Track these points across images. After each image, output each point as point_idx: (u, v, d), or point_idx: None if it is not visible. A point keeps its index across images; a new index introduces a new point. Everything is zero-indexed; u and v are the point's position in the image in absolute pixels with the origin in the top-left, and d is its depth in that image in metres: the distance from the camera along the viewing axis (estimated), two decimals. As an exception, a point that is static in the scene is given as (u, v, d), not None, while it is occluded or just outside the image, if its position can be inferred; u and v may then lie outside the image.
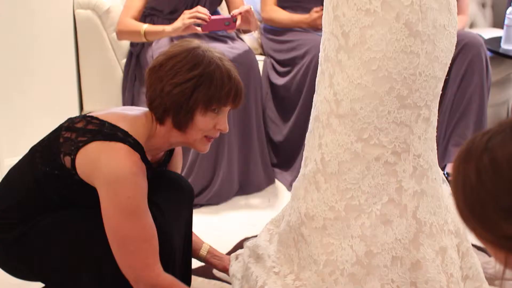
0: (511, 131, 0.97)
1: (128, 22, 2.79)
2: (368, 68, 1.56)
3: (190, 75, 1.64)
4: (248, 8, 2.73)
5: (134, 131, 1.64)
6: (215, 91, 1.66)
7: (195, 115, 1.66)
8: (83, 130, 1.61)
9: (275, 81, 3.08)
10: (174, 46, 1.71)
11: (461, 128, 3.09)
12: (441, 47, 1.58)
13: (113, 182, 1.56)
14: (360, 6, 1.55)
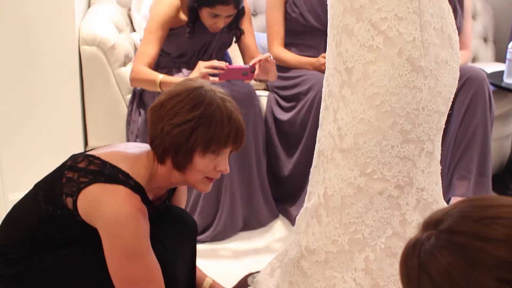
0: (436, 238, 0.94)
1: (142, 70, 2.78)
2: (371, 103, 1.57)
3: (189, 116, 1.63)
4: (267, 56, 2.70)
5: (135, 172, 1.64)
6: (214, 133, 1.64)
7: (194, 157, 1.65)
8: (85, 171, 1.62)
9: (280, 116, 3.09)
10: (177, 85, 1.71)
11: (465, 162, 3.09)
12: (443, 82, 1.59)
13: (114, 226, 1.56)
14: (363, 42, 1.57)
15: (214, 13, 2.79)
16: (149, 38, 2.83)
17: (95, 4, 3.25)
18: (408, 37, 1.54)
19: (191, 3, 2.83)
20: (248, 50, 3.04)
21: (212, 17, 2.81)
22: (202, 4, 2.78)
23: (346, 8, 1.60)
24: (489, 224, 0.90)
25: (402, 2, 1.55)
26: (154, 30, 2.83)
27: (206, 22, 2.85)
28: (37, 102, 2.83)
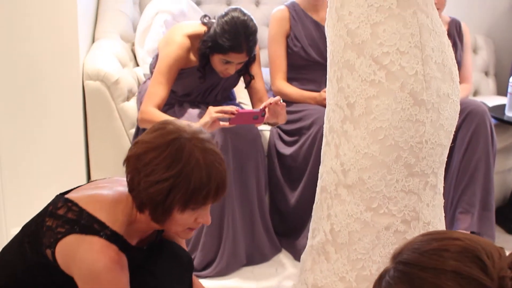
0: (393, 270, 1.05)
1: (152, 112, 2.78)
2: (375, 137, 1.57)
3: (166, 174, 1.53)
4: (277, 99, 2.70)
5: (112, 220, 1.59)
6: (193, 193, 1.55)
7: (173, 213, 1.58)
8: (63, 219, 1.59)
9: (282, 150, 3.10)
10: (155, 133, 1.60)
11: (468, 196, 3.08)
12: (445, 115, 1.60)
13: (89, 277, 1.53)
14: (365, 77, 1.58)
15: (226, 60, 2.80)
16: (159, 79, 2.84)
17: (99, 40, 3.28)
18: (410, 71, 1.55)
19: (203, 49, 2.83)
20: (257, 93, 3.05)
21: (223, 63, 2.82)
22: (214, 50, 2.79)
23: (346, 43, 1.61)
24: (432, 255, 1.00)
25: (403, 37, 1.56)
26: (165, 71, 2.84)
27: (217, 67, 2.86)
28: (40, 136, 2.84)
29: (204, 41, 2.82)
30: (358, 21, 1.59)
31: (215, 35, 2.77)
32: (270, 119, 2.74)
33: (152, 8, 3.44)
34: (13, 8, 2.67)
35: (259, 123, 2.73)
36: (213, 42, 2.78)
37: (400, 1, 1.56)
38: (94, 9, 3.44)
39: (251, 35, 2.77)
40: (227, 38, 2.74)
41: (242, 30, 2.75)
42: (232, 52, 2.77)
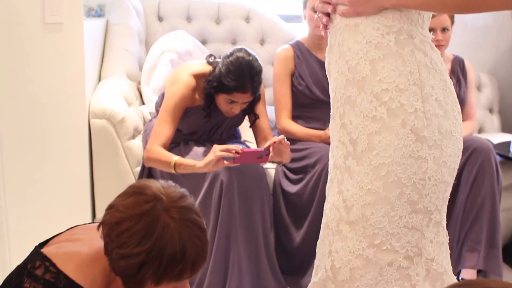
0: None
1: (157, 151, 2.79)
2: (378, 173, 1.57)
3: (137, 249, 1.43)
4: (281, 138, 2.70)
5: (90, 281, 1.53)
6: (165, 271, 1.45)
7: (146, 286, 1.49)
8: (41, 282, 1.55)
9: (287, 188, 3.09)
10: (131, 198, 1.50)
11: (474, 233, 3.07)
12: (448, 152, 1.60)
13: None
14: (367, 113, 1.59)
15: (231, 100, 2.82)
16: (165, 117, 2.85)
17: (106, 78, 3.31)
18: (409, 108, 1.56)
19: (208, 89, 2.85)
20: (261, 132, 3.06)
21: (228, 103, 2.84)
22: (219, 90, 2.81)
23: (348, 80, 1.63)
24: None
25: (402, 74, 1.58)
26: (171, 110, 2.86)
27: (222, 107, 2.88)
28: (46, 173, 2.85)
29: (209, 81, 2.84)
30: (358, 58, 1.61)
31: (220, 75, 2.79)
32: (275, 158, 2.74)
33: (158, 47, 3.49)
34: (19, 47, 2.71)
35: (263, 162, 2.74)
36: (218, 82, 2.80)
37: (398, 39, 1.58)
38: (100, 48, 3.49)
39: (256, 75, 2.80)
40: (232, 78, 2.76)
41: (247, 71, 2.77)
42: (237, 92, 2.79)
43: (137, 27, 3.61)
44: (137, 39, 3.58)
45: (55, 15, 2.70)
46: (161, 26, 3.75)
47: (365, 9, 1.61)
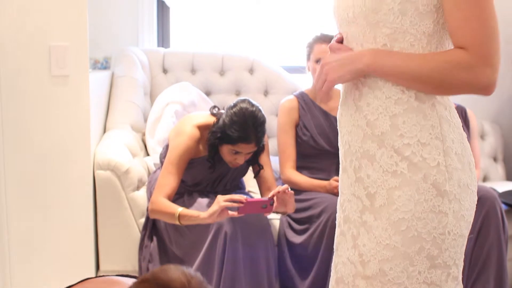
0: None
1: (162, 202, 2.78)
2: (397, 228, 1.56)
3: None
4: (285, 188, 2.70)
5: None
6: None
7: None
8: None
9: (292, 239, 3.07)
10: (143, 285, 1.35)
11: (481, 283, 3.03)
12: (466, 205, 1.60)
13: None
14: (386, 168, 1.57)
15: (235, 150, 2.83)
16: (169, 169, 2.86)
17: (111, 130, 3.33)
18: (432, 162, 1.55)
19: (212, 140, 2.86)
20: (265, 182, 3.06)
21: (232, 153, 2.85)
22: (223, 141, 2.82)
23: (366, 134, 1.61)
24: None
25: (424, 128, 1.57)
26: (175, 161, 2.86)
27: (226, 157, 2.89)
28: (50, 224, 2.85)
29: (213, 132, 2.86)
30: (377, 113, 1.59)
31: (224, 126, 2.81)
32: (279, 208, 2.74)
33: (163, 99, 3.52)
34: (26, 99, 2.74)
35: (268, 212, 2.72)
36: (222, 133, 2.81)
37: (418, 94, 1.57)
38: (106, 100, 3.52)
39: (259, 126, 2.81)
40: (236, 129, 2.77)
41: (250, 121, 2.78)
42: (241, 143, 2.79)
43: (142, 79, 3.65)
44: (142, 91, 3.61)
45: (61, 68, 2.74)
46: (165, 78, 3.80)
47: (341, 75, 1.62)
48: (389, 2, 1.53)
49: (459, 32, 1.50)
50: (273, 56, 4.18)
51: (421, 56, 1.53)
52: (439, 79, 1.51)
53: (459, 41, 1.50)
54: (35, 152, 2.78)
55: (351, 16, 1.61)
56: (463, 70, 1.49)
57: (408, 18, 1.54)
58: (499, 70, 1.50)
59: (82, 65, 2.77)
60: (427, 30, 1.55)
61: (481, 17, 1.48)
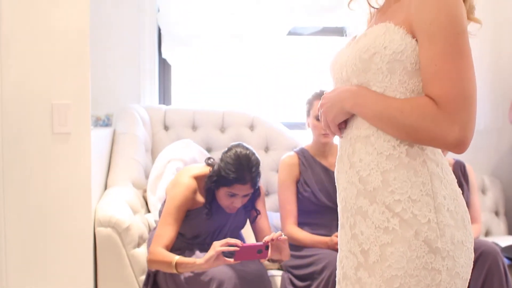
0: None
1: (159, 252, 2.79)
2: (390, 285, 1.55)
3: None
4: (279, 234, 2.70)
5: None
6: None
7: None
8: None
9: (294, 296, 3.05)
10: None
11: None
12: (461, 263, 1.59)
13: None
14: (378, 224, 1.58)
15: (232, 193, 2.86)
16: (167, 220, 2.87)
17: (112, 187, 3.34)
18: (423, 219, 1.56)
19: (209, 184, 2.91)
20: (261, 232, 3.07)
21: (229, 196, 2.87)
22: (219, 184, 2.86)
23: (359, 190, 1.63)
24: None
25: (415, 185, 1.58)
26: (172, 212, 2.88)
27: (223, 202, 2.91)
28: (49, 282, 2.83)
29: (209, 177, 2.91)
30: (369, 169, 1.61)
31: (220, 169, 2.86)
32: (274, 256, 2.73)
33: (164, 156, 3.54)
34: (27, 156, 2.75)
35: (263, 257, 2.72)
36: (218, 176, 2.86)
37: (409, 151, 1.59)
38: (107, 157, 3.54)
39: (254, 166, 2.86)
40: (231, 170, 2.82)
41: (245, 162, 2.84)
42: (236, 184, 2.83)
43: (143, 136, 3.68)
44: (143, 147, 3.64)
45: (63, 126, 2.76)
46: (167, 135, 3.82)
47: (335, 115, 1.67)
48: (377, 61, 1.58)
49: (430, 86, 1.53)
50: (273, 113, 4.22)
51: (397, 104, 1.56)
52: (409, 127, 1.53)
53: (431, 93, 1.53)
54: (36, 209, 2.78)
55: (345, 75, 1.67)
56: (431, 122, 1.51)
57: (397, 77, 1.58)
58: (471, 129, 1.51)
59: (84, 122, 2.80)
60: (416, 89, 1.58)
61: (453, 76, 1.50)
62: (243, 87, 4.26)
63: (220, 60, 4.13)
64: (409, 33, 1.57)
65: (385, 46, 1.57)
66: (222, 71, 4.19)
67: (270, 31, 4.09)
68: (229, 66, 4.17)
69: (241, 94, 4.26)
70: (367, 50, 1.59)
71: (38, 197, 2.78)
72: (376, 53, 1.58)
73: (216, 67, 4.16)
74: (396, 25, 1.58)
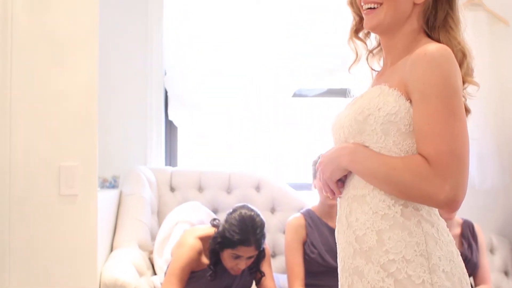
0: None
1: None
2: None
3: None
4: None
5: None
6: None
7: None
8: None
9: None
10: None
11: None
12: None
13: None
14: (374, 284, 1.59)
15: (236, 254, 2.85)
16: (171, 280, 2.86)
17: (118, 248, 3.33)
18: (417, 279, 1.56)
19: (213, 245, 2.90)
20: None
21: (233, 258, 2.86)
22: (224, 246, 2.85)
23: (355, 250, 1.64)
24: None
25: (409, 245, 1.58)
26: (177, 272, 2.87)
27: (228, 263, 2.89)
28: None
29: (214, 238, 2.91)
30: (365, 228, 1.63)
31: (224, 231, 2.87)
32: None
33: (172, 218, 3.53)
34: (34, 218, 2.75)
35: None
36: (222, 237, 2.85)
37: (404, 211, 1.61)
38: (113, 218, 3.53)
39: (258, 228, 2.85)
40: (236, 232, 2.82)
41: (249, 224, 2.84)
42: (241, 246, 2.83)
43: (149, 197, 3.68)
44: (149, 209, 3.63)
45: (70, 187, 2.77)
46: (173, 196, 3.82)
47: (332, 172, 1.70)
48: (372, 123, 1.62)
49: (423, 144, 1.56)
50: (279, 173, 4.23)
51: (392, 162, 1.59)
52: (402, 184, 1.56)
53: (423, 152, 1.55)
54: (42, 269, 2.76)
55: (343, 136, 1.71)
56: (423, 180, 1.53)
57: (391, 138, 1.61)
58: (462, 189, 1.53)
59: (91, 184, 2.81)
60: (410, 150, 1.61)
61: (445, 135, 1.53)
62: (249, 148, 4.27)
63: (226, 123, 4.17)
64: (403, 95, 1.61)
65: (379, 108, 1.61)
66: (228, 133, 4.22)
67: (276, 93, 4.14)
68: (235, 128, 4.20)
69: (247, 155, 4.27)
70: (362, 112, 1.64)
71: (44, 258, 2.77)
72: (371, 114, 1.62)
73: (222, 129, 4.20)
74: (390, 87, 1.63)
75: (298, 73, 4.16)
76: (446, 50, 1.59)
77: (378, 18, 1.72)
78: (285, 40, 4.14)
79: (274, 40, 4.13)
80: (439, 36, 1.69)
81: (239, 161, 4.28)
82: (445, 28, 1.70)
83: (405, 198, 1.59)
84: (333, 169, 1.71)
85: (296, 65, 4.16)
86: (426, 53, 1.58)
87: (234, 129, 4.21)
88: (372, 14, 1.73)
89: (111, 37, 3.94)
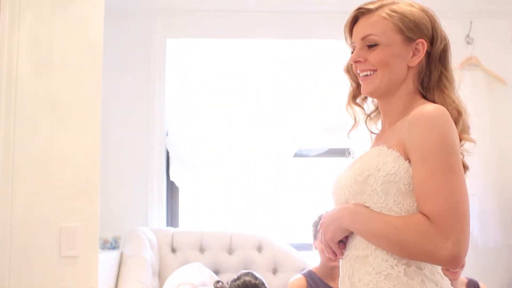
0: None
1: None
2: None
3: None
4: None
5: None
6: None
7: None
8: None
9: None
10: None
11: None
12: None
13: None
14: None
15: None
16: None
17: None
18: None
19: None
20: None
21: None
22: None
23: None
24: None
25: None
26: None
27: None
28: None
29: None
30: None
31: None
32: None
33: (174, 279, 3.50)
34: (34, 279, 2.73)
35: None
36: None
37: (407, 270, 1.61)
38: (114, 280, 3.50)
39: None
40: None
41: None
42: None
43: (150, 258, 3.65)
44: (150, 270, 3.61)
45: (71, 249, 2.76)
46: (174, 257, 3.80)
47: (333, 232, 1.71)
48: (372, 183, 1.63)
49: (423, 203, 1.57)
50: (281, 233, 4.21)
51: (393, 221, 1.60)
52: (403, 243, 1.56)
53: (424, 210, 1.56)
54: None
55: (343, 197, 1.73)
56: (424, 238, 1.53)
57: (391, 197, 1.62)
58: (464, 245, 1.53)
59: (92, 245, 2.79)
60: (411, 209, 1.62)
61: (445, 193, 1.54)
62: (250, 208, 4.27)
63: (228, 182, 4.18)
64: (402, 155, 1.63)
65: (378, 168, 1.63)
66: (231, 192, 4.23)
67: (277, 154, 4.16)
68: (237, 188, 4.21)
69: (249, 215, 4.27)
70: (362, 173, 1.66)
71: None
72: (370, 175, 1.63)
73: (224, 189, 4.20)
74: (389, 148, 1.66)
75: (299, 133, 4.20)
76: (442, 110, 1.62)
77: (374, 83, 1.76)
78: (285, 101, 4.19)
79: (274, 101, 4.18)
80: (434, 96, 1.73)
81: (241, 220, 4.27)
82: (439, 87, 1.74)
83: (407, 257, 1.59)
84: (334, 230, 1.71)
85: (297, 124, 4.19)
86: (422, 114, 1.61)
87: (236, 188, 4.22)
88: (368, 80, 1.77)
89: (114, 99, 3.98)
